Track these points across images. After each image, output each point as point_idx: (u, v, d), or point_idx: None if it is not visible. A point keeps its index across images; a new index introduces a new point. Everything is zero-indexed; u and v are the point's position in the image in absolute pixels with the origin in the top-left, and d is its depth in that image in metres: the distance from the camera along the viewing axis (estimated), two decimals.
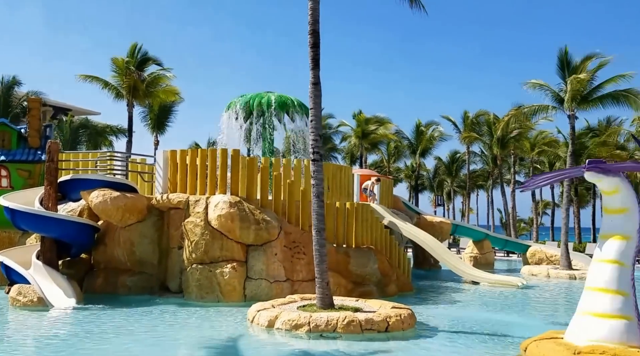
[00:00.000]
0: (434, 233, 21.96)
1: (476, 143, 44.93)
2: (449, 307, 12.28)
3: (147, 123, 37.23)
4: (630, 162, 8.15)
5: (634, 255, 7.09)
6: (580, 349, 6.67)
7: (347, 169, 16.23)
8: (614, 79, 20.08)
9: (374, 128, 38.24)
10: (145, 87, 27.48)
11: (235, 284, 11.42)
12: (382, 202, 20.18)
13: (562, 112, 20.74)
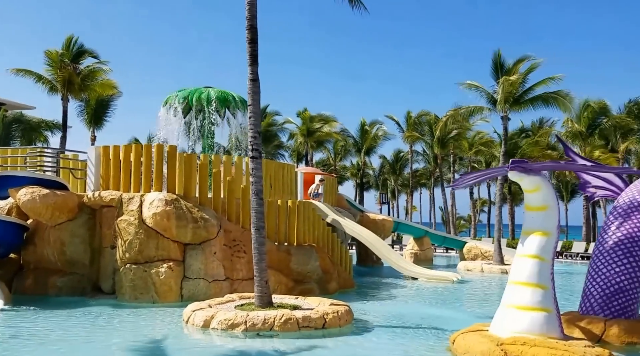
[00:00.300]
0: (377, 230, 22.31)
1: (419, 142, 46.12)
2: (387, 303, 12.48)
3: (83, 118, 35.85)
4: (549, 162, 8.51)
5: (553, 250, 7.47)
6: (502, 340, 6.94)
7: (289, 167, 16.17)
8: (544, 81, 21.02)
9: (319, 126, 38.39)
10: (81, 80, 26.39)
11: (172, 284, 11.15)
12: (326, 200, 20.27)
13: (497, 113, 21.60)
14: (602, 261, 8.97)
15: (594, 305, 8.81)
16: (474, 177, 8.17)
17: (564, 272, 20.85)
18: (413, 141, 45.33)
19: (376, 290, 14.95)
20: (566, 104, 20.59)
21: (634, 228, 8.98)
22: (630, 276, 8.70)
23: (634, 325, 8.32)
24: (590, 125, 33.36)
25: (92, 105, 34.47)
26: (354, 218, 20.69)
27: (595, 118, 33.12)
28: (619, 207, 9.46)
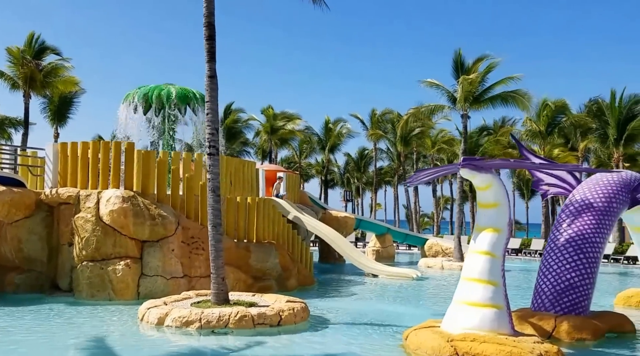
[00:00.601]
0: (339, 227, 22.57)
1: (383, 140, 46.68)
2: (345, 300, 12.68)
3: (47, 115, 34.99)
4: (500, 160, 8.75)
5: (504, 246, 7.55)
6: (453, 337, 7.06)
7: (250, 164, 16.21)
8: (503, 81, 21.53)
9: (282, 123, 38.39)
10: (43, 77, 25.86)
11: (129, 281, 11.08)
12: (288, 197, 20.39)
13: (457, 111, 22.06)
14: (553, 258, 9.12)
15: (545, 302, 8.97)
16: (427, 173, 8.31)
17: (523, 269, 21.45)
18: (377, 139, 45.85)
19: (336, 287, 15.16)
20: (524, 103, 21.12)
21: (584, 225, 9.16)
22: (580, 272, 8.87)
23: (584, 322, 8.51)
24: (549, 123, 34.25)
25: (55, 102, 33.71)
26: (316, 216, 20.88)
27: (555, 117, 34.03)
28: (571, 204, 9.66)
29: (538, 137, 34.48)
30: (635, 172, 10.58)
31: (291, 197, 20.65)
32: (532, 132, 34.72)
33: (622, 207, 9.67)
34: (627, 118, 29.70)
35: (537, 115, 34.71)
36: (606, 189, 9.62)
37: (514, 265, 22.46)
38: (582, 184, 10.05)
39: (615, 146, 30.05)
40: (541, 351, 6.74)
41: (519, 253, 28.42)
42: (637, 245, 12.16)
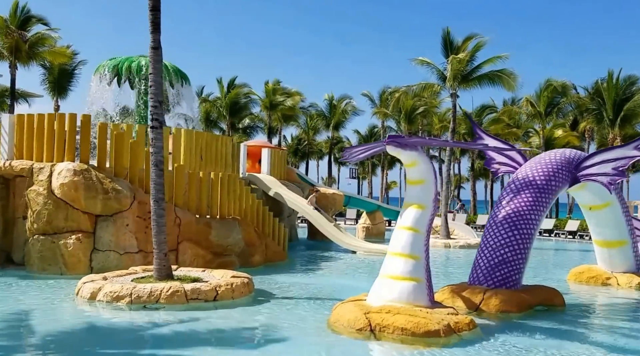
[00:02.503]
0: (327, 204, 22.27)
1: (390, 119, 45.94)
2: (309, 275, 12.46)
3: (46, 86, 35.02)
4: (427, 138, 8.66)
5: (428, 222, 7.54)
6: (370, 309, 7.04)
7: (225, 139, 15.87)
8: (491, 60, 20.96)
9: (282, 99, 37.85)
10: (29, 47, 25.62)
11: (80, 256, 10.94)
12: (273, 173, 20.11)
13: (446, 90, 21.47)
14: (491, 233, 9.21)
15: (480, 276, 9.04)
16: (359, 150, 8.10)
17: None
18: (384, 117, 45.19)
19: (308, 263, 14.94)
20: (510, 83, 20.63)
21: (521, 203, 9.27)
22: (513, 248, 8.93)
23: (511, 295, 8.55)
24: (549, 104, 33.50)
25: (54, 74, 33.65)
26: (302, 192, 20.58)
27: (554, 98, 33.30)
28: (512, 182, 9.82)
29: (537, 117, 33.68)
30: (579, 151, 10.46)
31: (276, 173, 20.35)
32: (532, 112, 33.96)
33: (561, 185, 9.69)
34: (623, 100, 28.97)
35: (537, 95, 33.93)
36: (546, 168, 9.64)
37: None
38: (526, 163, 10.14)
39: (611, 126, 29.35)
40: (450, 322, 6.82)
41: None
42: (588, 221, 12.05)
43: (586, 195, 11.20)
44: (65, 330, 7.03)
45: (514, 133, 39.76)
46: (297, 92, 39.56)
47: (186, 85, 16.19)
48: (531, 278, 12.59)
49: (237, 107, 43.31)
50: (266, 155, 19.88)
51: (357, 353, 6.18)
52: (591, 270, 12.27)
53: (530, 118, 35.78)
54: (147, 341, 6.74)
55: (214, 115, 46.16)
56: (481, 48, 21.50)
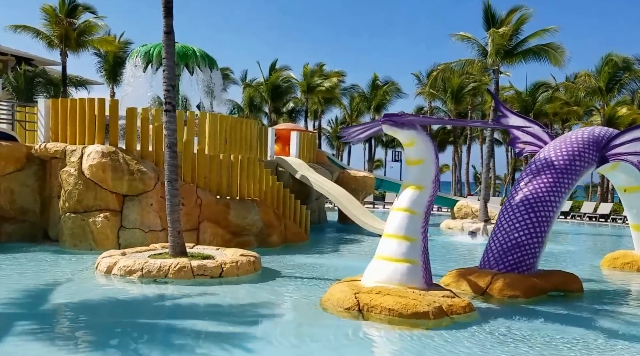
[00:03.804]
0: (357, 187, 22.43)
1: (438, 98, 45.00)
2: (324, 257, 12.74)
3: (102, 74, 36.61)
4: (421, 116, 8.54)
5: (427, 204, 7.44)
6: (361, 289, 7.12)
7: (249, 123, 16.26)
8: (538, 33, 20.03)
9: (320, 81, 37.87)
10: (77, 35, 26.89)
11: (108, 233, 11.67)
12: (302, 156, 20.43)
13: (488, 67, 20.86)
14: (505, 217, 8.93)
15: (491, 259, 8.82)
16: (356, 130, 8.12)
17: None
18: (432, 98, 44.32)
19: (329, 245, 15.22)
20: (557, 57, 19.63)
21: (540, 185, 8.89)
22: (529, 231, 8.64)
23: (519, 279, 8.33)
24: (610, 79, 31.78)
25: (109, 61, 35.11)
26: (330, 175, 20.82)
27: (616, 73, 31.48)
28: (533, 163, 9.38)
29: (597, 93, 32.07)
30: (610, 129, 9.91)
31: (305, 156, 20.67)
32: (592, 88, 32.29)
33: (587, 166, 9.24)
34: None
35: (597, 71, 32.29)
36: (571, 147, 9.20)
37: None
38: (550, 143, 9.63)
39: None
40: (442, 304, 6.76)
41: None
42: (624, 204, 11.52)
43: (620, 176, 10.70)
44: (76, 300, 7.60)
45: (574, 112, 37.97)
46: (337, 72, 39.44)
47: (214, 70, 16.69)
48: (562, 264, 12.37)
49: (279, 91, 43.69)
50: (295, 138, 20.20)
51: (337, 331, 6.29)
52: (627, 256, 11.75)
53: (589, 95, 34.00)
54: (145, 311, 7.20)
55: (257, 100, 46.86)
56: (526, 21, 20.52)
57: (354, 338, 6.13)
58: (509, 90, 40.15)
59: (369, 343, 6.16)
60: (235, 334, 6.12)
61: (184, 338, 5.94)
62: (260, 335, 6.21)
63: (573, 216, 27.66)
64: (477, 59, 21.10)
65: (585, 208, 27.52)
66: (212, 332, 6.16)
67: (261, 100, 46.11)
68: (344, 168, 23.18)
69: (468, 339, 6.21)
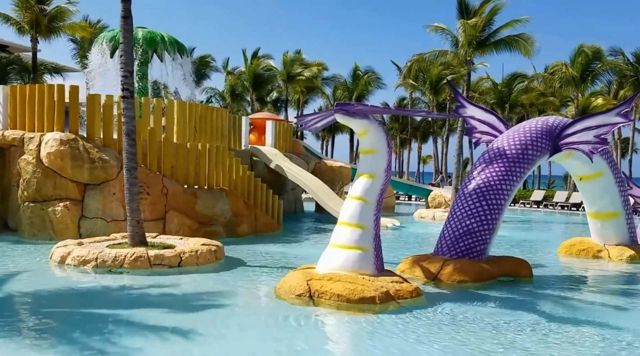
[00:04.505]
0: (334, 177, 22.28)
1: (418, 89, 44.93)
2: (292, 245, 12.58)
3: (77, 60, 35.87)
4: (371, 105, 8.50)
5: (379, 192, 7.49)
6: (314, 276, 7.07)
7: (220, 111, 15.95)
8: (510, 24, 20.08)
9: (300, 70, 37.53)
10: (48, 21, 26.21)
11: (68, 222, 11.36)
12: (278, 145, 20.19)
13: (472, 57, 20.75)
14: (459, 204, 9.08)
15: (444, 246, 8.94)
16: (312, 118, 8.04)
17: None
18: (412, 89, 44.27)
19: (301, 234, 15.06)
20: (527, 48, 19.75)
21: (492, 173, 9.04)
22: (480, 219, 8.75)
23: (468, 265, 8.43)
24: (584, 70, 31.98)
25: (85, 48, 34.36)
26: (306, 165, 20.62)
27: (590, 64, 31.68)
28: (487, 152, 9.58)
29: (572, 84, 32.23)
30: (564, 118, 10.00)
31: (282, 145, 20.42)
32: (566, 79, 32.42)
33: (540, 155, 9.37)
34: None
35: (571, 61, 32.45)
36: (524, 137, 9.36)
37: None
38: (506, 132, 9.75)
39: None
40: (390, 289, 6.82)
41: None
42: (580, 192, 11.66)
43: (576, 165, 10.84)
44: (28, 290, 7.35)
45: (550, 102, 38.18)
46: (319, 63, 39.12)
47: (184, 57, 16.32)
48: (516, 250, 12.45)
49: (260, 80, 43.24)
50: (270, 128, 19.94)
51: (285, 318, 6.20)
52: (583, 243, 11.93)
53: (564, 85, 34.21)
54: (92, 302, 6.96)
55: (239, 88, 46.37)
56: (499, 11, 20.61)
57: (299, 324, 6.08)
58: (486, 80, 40.19)
59: (313, 328, 6.06)
60: (182, 323, 5.96)
61: (128, 328, 5.77)
62: (207, 323, 6.05)
63: (546, 205, 27.88)
64: (450, 50, 21.09)
65: (558, 197, 27.75)
66: (158, 322, 5.99)
67: (243, 89, 45.64)
68: (320, 158, 23.00)
69: (412, 323, 6.23)
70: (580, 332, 6.13)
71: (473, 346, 5.50)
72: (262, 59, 42.40)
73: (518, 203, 28.24)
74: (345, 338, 5.94)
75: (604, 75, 32.34)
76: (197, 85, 49.03)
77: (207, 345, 5.35)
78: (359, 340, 5.84)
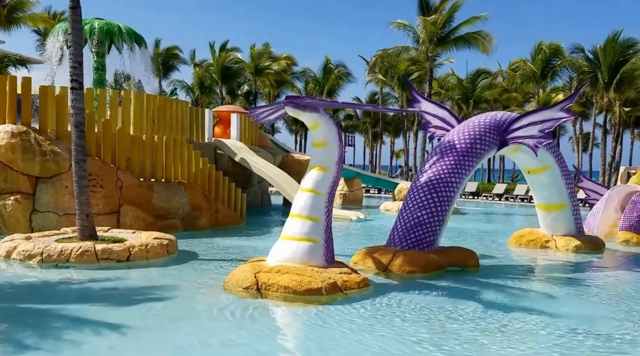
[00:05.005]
0: (301, 170, 22.27)
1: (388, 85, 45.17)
2: (252, 238, 12.59)
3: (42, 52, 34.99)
4: (319, 99, 8.57)
5: (331, 184, 7.54)
6: (262, 268, 7.09)
7: (180, 103, 15.79)
8: (469, 21, 20.45)
9: (268, 64, 37.37)
10: (8, 12, 25.56)
11: (19, 216, 11.13)
12: (244, 138, 20.10)
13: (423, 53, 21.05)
14: (411, 197, 9.23)
15: (396, 237, 9.09)
16: (263, 111, 8.07)
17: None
18: (382, 84, 44.52)
19: (264, 227, 15.07)
20: (485, 45, 20.15)
21: (442, 167, 9.21)
22: (430, 210, 8.92)
23: (417, 256, 8.60)
24: (544, 67, 32.69)
25: None
26: (273, 158, 20.59)
27: (550, 61, 32.42)
28: (438, 146, 9.72)
29: (532, 80, 32.92)
30: (512, 113, 10.28)
31: (247, 139, 20.35)
32: (527, 75, 33.11)
33: (488, 149, 9.61)
34: (620, 62, 28.02)
35: (532, 58, 33.14)
36: (473, 131, 9.58)
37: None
38: (457, 126, 9.95)
39: (605, 90, 28.52)
40: (337, 281, 6.91)
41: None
42: (529, 185, 12.02)
43: (523, 159, 11.14)
44: None
45: (514, 98, 38.94)
46: (287, 56, 39.02)
47: (142, 48, 16.09)
48: (471, 241, 12.70)
49: (229, 73, 42.94)
50: (235, 121, 19.84)
51: (231, 310, 6.19)
52: (532, 233, 12.27)
53: (526, 82, 34.93)
54: (32, 297, 6.87)
55: (208, 81, 45.90)
56: (459, 8, 21.02)
57: (235, 316, 6.05)
58: (452, 77, 40.74)
59: (249, 320, 5.98)
60: (117, 317, 5.88)
61: (65, 322, 5.68)
62: (141, 317, 5.96)
63: (507, 198, 28.48)
64: (412, 46, 21.37)
65: (519, 190, 28.40)
66: (93, 316, 5.93)
67: (212, 81, 45.20)
68: (288, 151, 22.99)
69: (354, 313, 6.30)
70: (518, 320, 6.27)
71: (409, 335, 5.58)
72: (230, 51, 42.09)
73: (481, 196, 28.79)
74: (280, 330, 5.96)
75: (564, 72, 33.06)
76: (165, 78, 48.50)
77: (134, 338, 5.28)
78: (294, 331, 5.90)
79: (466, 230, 15.48)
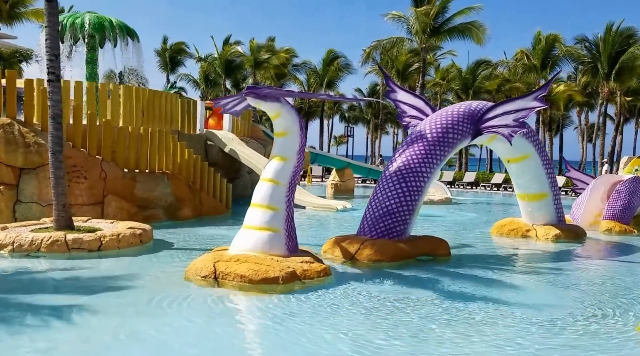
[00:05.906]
0: None
1: None
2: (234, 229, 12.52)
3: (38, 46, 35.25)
4: (282, 90, 8.64)
5: (291, 174, 7.61)
6: (222, 258, 7.17)
7: (170, 96, 15.95)
8: (463, 11, 20.32)
9: (267, 57, 37.44)
10: (10, 7, 25.84)
11: (2, 207, 11.35)
12: (236, 130, 20.23)
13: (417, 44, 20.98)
14: (380, 186, 9.29)
15: (365, 227, 9.14)
16: (228, 102, 8.16)
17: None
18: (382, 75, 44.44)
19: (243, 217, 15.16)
20: (479, 35, 20.04)
21: (413, 156, 9.21)
22: (399, 200, 8.96)
23: (385, 245, 8.64)
24: (545, 57, 32.40)
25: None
26: (263, 149, 20.70)
27: (550, 51, 32.13)
28: (410, 135, 9.71)
29: (533, 71, 32.67)
30: (487, 102, 10.23)
31: (240, 130, 20.47)
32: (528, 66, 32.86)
33: (461, 138, 9.60)
34: (619, 52, 27.73)
35: (532, 48, 32.84)
36: (445, 120, 9.58)
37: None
38: (430, 116, 9.91)
39: (605, 80, 28.23)
40: (297, 270, 6.94)
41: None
42: (510, 174, 12.03)
43: (502, 148, 11.12)
44: None
45: (516, 88, 38.67)
46: (287, 49, 39.07)
47: (134, 42, 16.24)
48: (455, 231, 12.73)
49: (232, 66, 43.16)
50: None
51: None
52: (513, 223, 12.31)
53: (527, 72, 34.69)
54: None
55: (212, 75, 46.18)
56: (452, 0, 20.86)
57: (171, 306, 6.10)
58: (453, 68, 40.54)
59: (187, 309, 6.05)
60: (80, 307, 5.95)
61: (22, 312, 5.77)
62: (104, 306, 6.06)
63: (505, 188, 28.43)
64: (407, 37, 21.31)
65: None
66: (55, 306, 6.00)
67: (216, 75, 45.48)
68: None
69: (307, 303, 6.33)
70: (484, 310, 6.24)
71: (360, 326, 5.57)
72: (233, 45, 42.25)
73: (479, 186, 28.76)
74: (219, 319, 5.82)
75: (564, 62, 32.75)
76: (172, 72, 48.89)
77: (88, 326, 5.41)
78: (234, 321, 5.88)
79: (452, 220, 15.52)
